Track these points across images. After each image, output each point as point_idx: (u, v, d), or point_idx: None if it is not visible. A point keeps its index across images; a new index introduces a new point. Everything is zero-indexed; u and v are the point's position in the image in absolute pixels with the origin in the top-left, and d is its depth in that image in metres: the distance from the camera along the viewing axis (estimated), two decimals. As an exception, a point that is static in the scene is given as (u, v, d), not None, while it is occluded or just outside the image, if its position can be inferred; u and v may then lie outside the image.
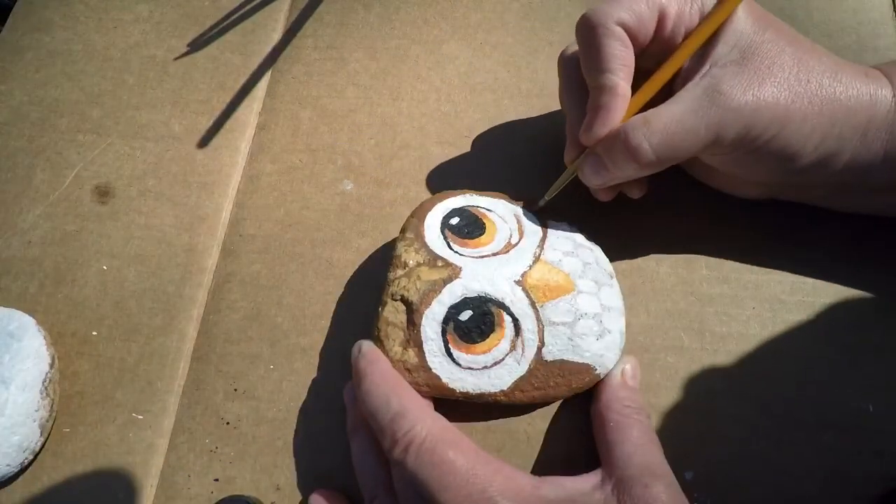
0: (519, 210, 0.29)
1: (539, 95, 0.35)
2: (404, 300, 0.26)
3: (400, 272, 0.27)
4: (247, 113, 0.37)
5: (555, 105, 0.35)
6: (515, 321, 0.25)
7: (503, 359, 0.25)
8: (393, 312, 0.26)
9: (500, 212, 0.29)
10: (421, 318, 0.25)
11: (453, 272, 0.26)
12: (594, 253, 0.28)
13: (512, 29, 0.38)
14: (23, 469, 0.28)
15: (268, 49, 0.38)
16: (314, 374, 0.30)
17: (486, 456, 0.23)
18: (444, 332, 0.25)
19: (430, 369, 0.25)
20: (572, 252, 0.27)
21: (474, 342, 0.25)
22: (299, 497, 0.28)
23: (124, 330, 0.31)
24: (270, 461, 0.28)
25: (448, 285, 0.26)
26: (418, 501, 0.23)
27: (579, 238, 0.29)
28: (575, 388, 0.26)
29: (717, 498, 0.26)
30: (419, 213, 0.29)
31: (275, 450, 0.28)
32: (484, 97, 0.36)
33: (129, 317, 0.32)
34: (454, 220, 0.28)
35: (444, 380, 0.25)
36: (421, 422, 0.23)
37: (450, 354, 0.25)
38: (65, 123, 0.37)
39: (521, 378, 0.26)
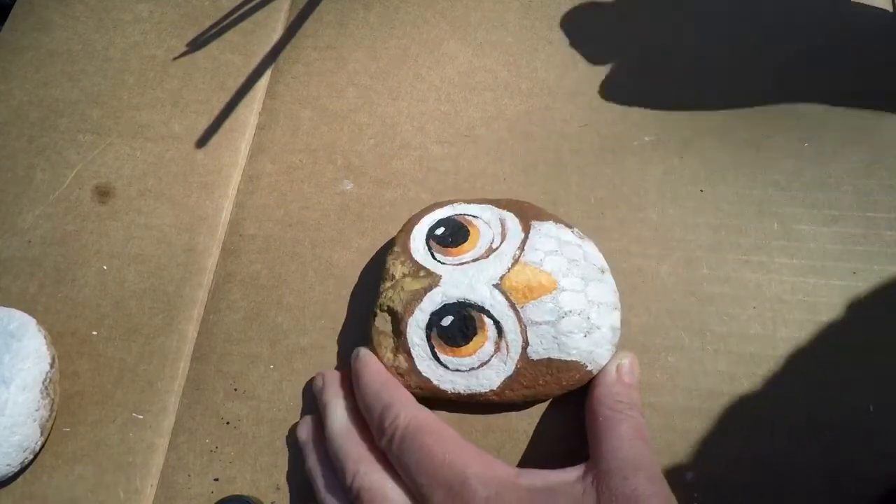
0: (505, 214, 0.29)
1: (539, 94, 0.35)
2: (390, 310, 0.27)
3: (388, 284, 0.28)
4: (247, 113, 0.37)
5: (554, 103, 0.35)
6: (497, 323, 0.26)
7: (489, 360, 0.26)
8: (382, 322, 0.28)
9: (486, 217, 0.29)
10: (406, 326, 0.27)
11: (433, 281, 0.27)
12: (583, 249, 0.28)
13: (512, 28, 0.37)
14: (23, 469, 0.28)
15: (268, 49, 0.38)
16: (314, 374, 0.30)
17: (466, 444, 0.24)
18: (428, 338, 0.27)
19: (420, 373, 0.27)
20: (556, 251, 0.27)
21: (459, 345, 0.26)
22: (300, 497, 0.28)
23: (124, 330, 0.31)
24: (270, 461, 0.28)
25: (428, 293, 0.27)
26: (408, 486, 0.23)
27: (566, 235, 0.28)
28: (566, 385, 0.26)
29: (717, 498, 0.26)
30: (408, 227, 0.30)
31: (275, 450, 0.28)
32: (484, 96, 0.36)
33: (129, 317, 0.32)
34: (439, 231, 0.29)
35: (435, 382, 0.27)
36: (404, 411, 0.24)
37: (437, 358, 0.26)
38: (65, 123, 0.37)
39: (510, 378, 0.26)
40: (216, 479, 0.28)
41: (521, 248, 0.27)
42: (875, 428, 0.27)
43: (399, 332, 0.27)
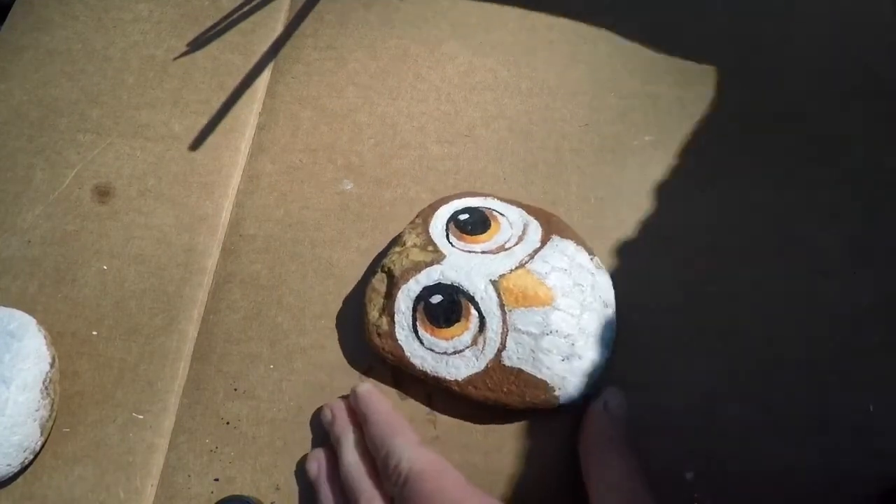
0: (531, 220, 0.29)
1: (539, 94, 0.35)
2: (389, 272, 0.28)
3: (396, 249, 0.29)
4: (247, 113, 0.37)
5: (554, 103, 0.35)
6: (482, 318, 0.26)
7: (463, 350, 0.27)
8: (379, 281, 0.29)
9: (512, 218, 0.29)
10: (398, 291, 0.27)
11: (437, 258, 0.28)
12: (594, 278, 0.28)
13: (511, 27, 0.37)
14: (23, 469, 0.28)
15: (267, 49, 0.38)
16: (314, 374, 0.30)
17: (466, 487, 0.23)
18: (414, 309, 0.27)
19: (396, 339, 0.27)
20: (565, 269, 0.27)
21: (440, 326, 0.27)
22: (299, 497, 0.28)
23: (124, 330, 0.31)
24: (270, 461, 0.28)
25: (428, 268, 0.27)
26: None
27: (582, 259, 0.28)
28: (529, 401, 0.26)
29: (717, 498, 0.26)
30: (436, 204, 0.31)
31: (275, 450, 0.28)
32: (484, 96, 0.36)
33: (129, 317, 0.32)
34: (463, 216, 0.29)
35: (406, 353, 0.27)
36: (406, 456, 0.24)
37: (415, 331, 0.27)
38: (65, 123, 0.37)
39: (476, 374, 0.26)
40: (216, 479, 0.28)
41: (532, 255, 0.27)
42: (875, 428, 0.27)
43: (390, 294, 0.28)
